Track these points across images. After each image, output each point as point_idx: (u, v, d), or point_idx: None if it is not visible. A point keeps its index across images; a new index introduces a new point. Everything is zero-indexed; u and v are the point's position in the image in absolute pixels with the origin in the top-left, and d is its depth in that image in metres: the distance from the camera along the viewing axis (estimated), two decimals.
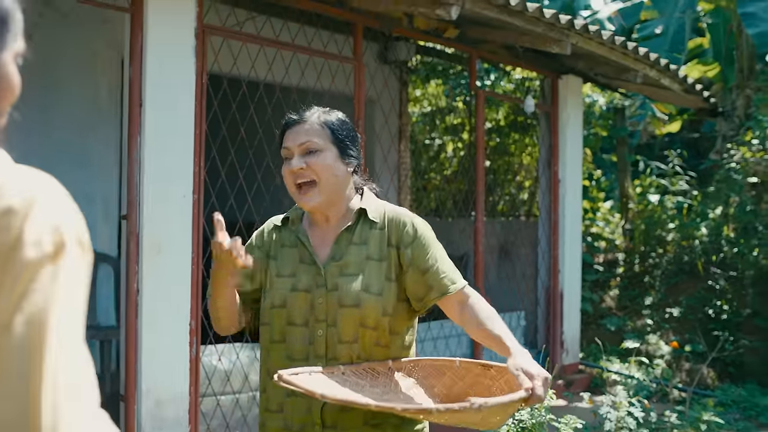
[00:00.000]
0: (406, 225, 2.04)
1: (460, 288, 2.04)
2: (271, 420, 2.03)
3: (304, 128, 2.04)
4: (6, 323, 0.79)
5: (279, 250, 2.09)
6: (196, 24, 4.22)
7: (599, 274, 8.87)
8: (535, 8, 5.05)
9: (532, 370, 1.84)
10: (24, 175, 0.87)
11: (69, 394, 0.80)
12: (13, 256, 0.81)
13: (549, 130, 6.93)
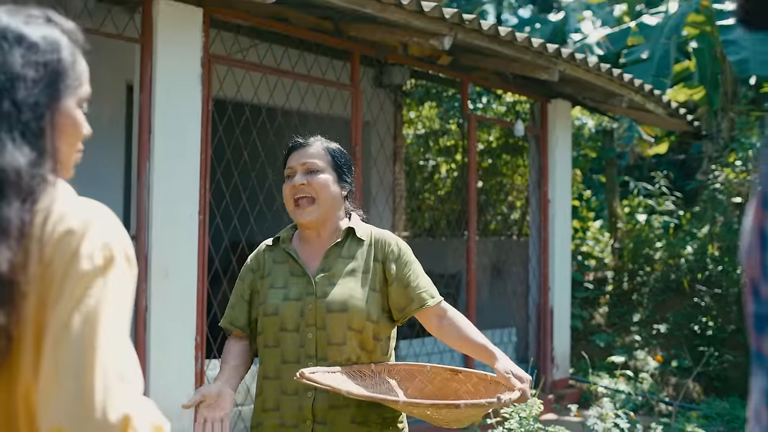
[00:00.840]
0: (391, 244, 2.30)
1: (437, 302, 2.29)
2: (267, 419, 2.23)
3: (308, 151, 2.29)
4: (66, 322, 0.99)
5: (272, 267, 2.32)
6: (203, 54, 4.45)
7: (589, 291, 9.09)
8: (524, 38, 5.30)
9: (520, 373, 2.10)
10: (83, 203, 1.08)
11: (116, 377, 0.99)
12: (72, 267, 1.01)
13: (539, 152, 7.18)
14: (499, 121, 7.97)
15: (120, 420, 0.95)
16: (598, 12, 13.86)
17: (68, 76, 1.12)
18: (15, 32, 1.07)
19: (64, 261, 1.01)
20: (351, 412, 2.17)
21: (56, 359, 0.97)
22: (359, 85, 5.46)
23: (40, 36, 1.09)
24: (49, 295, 1.01)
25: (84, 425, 0.94)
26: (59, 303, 1.00)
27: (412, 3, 4.50)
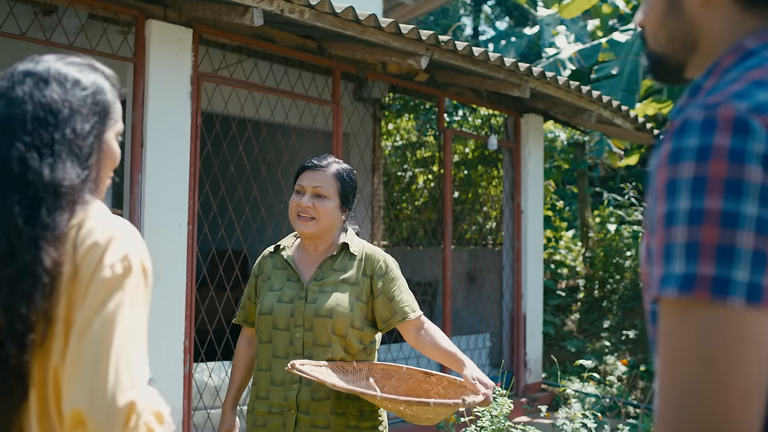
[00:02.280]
0: (379, 261, 2.56)
1: (417, 316, 2.57)
2: (259, 405, 2.51)
3: (321, 175, 2.54)
4: (88, 321, 1.20)
5: (272, 272, 2.60)
6: (192, 71, 4.68)
7: (561, 299, 9.39)
8: (497, 57, 5.58)
9: (484, 380, 2.41)
10: (110, 220, 1.30)
11: (125, 369, 1.20)
12: (96, 275, 1.23)
13: (512, 164, 7.46)
14: (474, 135, 8.25)
15: (126, 404, 1.16)
16: (572, 27, 14.21)
17: (110, 113, 1.38)
18: (72, 78, 1.32)
19: (90, 269, 1.23)
20: (331, 404, 2.43)
21: (78, 353, 1.19)
22: (340, 101, 5.71)
23: (91, 81, 1.35)
24: (77, 299, 1.22)
25: (97, 408, 1.16)
26: (84, 305, 1.21)
27: (391, 26, 4.77)
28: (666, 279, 0.89)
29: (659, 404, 0.90)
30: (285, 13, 4.31)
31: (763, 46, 1.02)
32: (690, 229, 0.87)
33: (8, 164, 1.24)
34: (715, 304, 0.85)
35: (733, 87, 0.94)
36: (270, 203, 5.83)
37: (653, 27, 1.14)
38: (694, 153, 0.89)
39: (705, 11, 1.06)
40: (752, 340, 0.85)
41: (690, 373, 0.86)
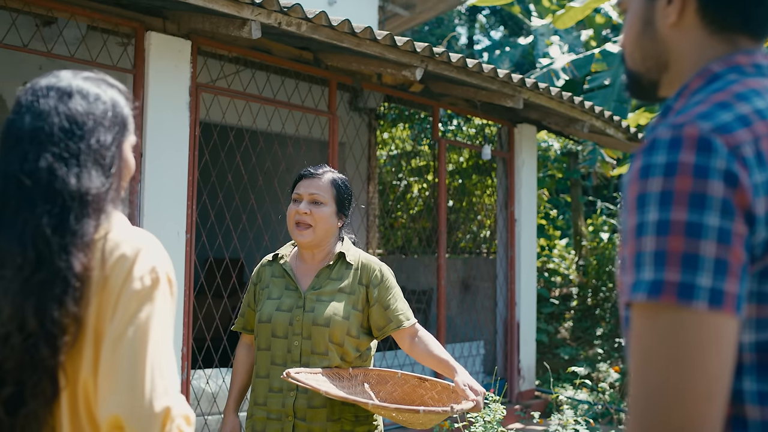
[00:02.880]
0: (375, 270, 2.63)
1: (412, 324, 2.64)
2: (257, 411, 2.58)
3: (317, 183, 2.61)
4: (122, 331, 1.26)
5: (270, 280, 2.66)
6: (191, 83, 4.76)
7: (555, 306, 9.47)
8: (490, 69, 5.68)
9: (475, 386, 2.46)
10: (135, 233, 1.36)
11: (159, 376, 1.27)
12: (126, 286, 1.28)
13: (506, 173, 7.56)
14: (468, 144, 8.35)
15: (163, 410, 1.23)
16: (566, 37, 14.35)
17: (128, 126, 1.45)
18: (93, 92, 1.39)
19: (119, 281, 1.28)
20: (327, 411, 2.49)
21: (113, 362, 1.24)
22: (336, 111, 5.80)
23: (110, 95, 1.41)
24: (107, 308, 1.27)
25: (135, 414, 1.22)
26: (116, 315, 1.27)
27: (386, 38, 4.86)
28: (636, 285, 0.97)
29: (630, 402, 0.98)
30: (282, 25, 4.40)
31: (727, 70, 1.10)
32: (658, 239, 0.95)
33: (37, 174, 1.29)
34: (681, 308, 0.93)
35: (699, 108, 1.03)
36: (267, 212, 5.90)
37: (630, 46, 1.22)
38: (662, 169, 0.97)
39: (676, 33, 1.15)
40: (714, 342, 0.93)
41: (658, 373, 0.94)
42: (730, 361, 0.95)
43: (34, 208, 1.28)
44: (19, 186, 1.29)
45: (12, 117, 1.36)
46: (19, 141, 1.32)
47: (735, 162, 0.96)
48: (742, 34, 1.13)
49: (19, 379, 1.24)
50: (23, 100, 1.37)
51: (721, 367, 0.94)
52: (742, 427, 1.00)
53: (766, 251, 0.97)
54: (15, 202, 1.28)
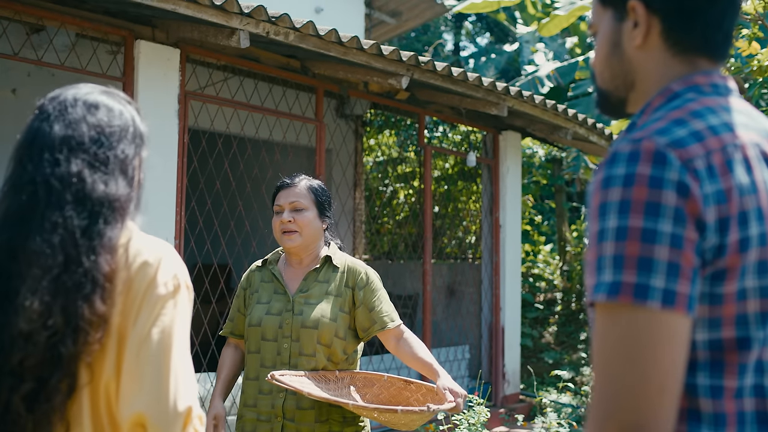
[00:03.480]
0: (361, 273, 2.71)
1: (396, 325, 2.72)
2: (247, 413, 2.66)
3: (295, 191, 2.70)
4: (147, 334, 1.32)
5: (259, 285, 2.75)
6: (179, 91, 4.83)
7: (539, 311, 9.58)
8: (475, 77, 5.78)
9: (456, 389, 2.53)
10: (153, 241, 1.42)
11: (182, 377, 1.34)
12: (150, 291, 1.34)
13: (490, 180, 7.65)
14: (453, 151, 8.44)
15: (186, 409, 1.30)
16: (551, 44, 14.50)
17: (144, 140, 1.51)
18: (116, 106, 1.46)
19: (143, 286, 1.34)
20: (315, 413, 2.57)
21: (138, 363, 1.30)
22: (323, 119, 5.88)
23: (129, 110, 1.48)
24: (131, 311, 1.33)
25: (161, 414, 1.28)
26: (140, 318, 1.33)
27: (373, 47, 4.94)
28: (597, 286, 1.05)
29: (592, 394, 1.07)
30: (271, 35, 4.48)
31: (686, 89, 1.20)
32: (617, 244, 1.04)
33: (68, 179, 1.35)
34: (637, 307, 1.02)
35: (657, 124, 1.12)
36: (255, 218, 5.97)
37: (599, 66, 1.31)
38: (621, 180, 1.06)
39: (642, 54, 1.24)
40: (667, 339, 1.02)
41: (616, 366, 1.03)
42: (683, 357, 1.03)
43: (64, 211, 1.33)
44: (49, 189, 1.34)
45: (37, 125, 1.41)
46: (49, 147, 1.37)
47: (687, 174, 1.04)
48: (701, 56, 1.22)
49: (40, 375, 1.28)
50: (50, 108, 1.42)
51: (674, 362, 1.02)
52: (696, 419, 1.08)
53: (716, 256, 1.06)
54: (44, 204, 1.33)
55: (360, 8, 8.86)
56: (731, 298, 1.07)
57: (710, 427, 1.08)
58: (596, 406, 1.04)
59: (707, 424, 1.08)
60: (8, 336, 1.28)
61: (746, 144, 1.12)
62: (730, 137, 1.11)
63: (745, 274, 1.07)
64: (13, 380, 1.28)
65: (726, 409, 1.08)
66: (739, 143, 1.11)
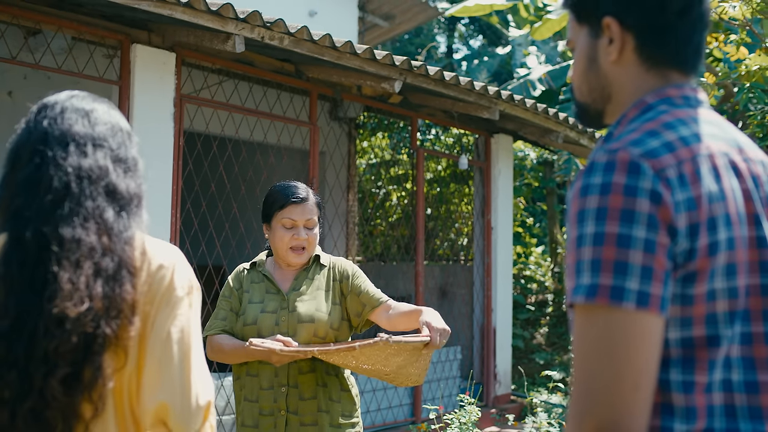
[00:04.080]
0: (345, 266, 2.84)
1: (384, 301, 2.76)
2: (248, 408, 2.72)
3: (308, 207, 2.76)
4: (168, 332, 1.39)
5: (250, 286, 2.83)
6: (175, 94, 4.89)
7: (530, 313, 9.66)
8: (467, 81, 5.85)
9: (433, 324, 2.47)
10: (163, 244, 1.49)
11: (202, 372, 1.43)
12: (168, 293, 1.42)
13: (482, 182, 7.74)
14: (446, 154, 8.52)
15: (206, 403, 1.39)
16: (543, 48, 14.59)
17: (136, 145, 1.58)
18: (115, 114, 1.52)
19: (162, 287, 1.41)
20: (318, 402, 2.66)
21: (162, 359, 1.37)
22: (317, 122, 5.94)
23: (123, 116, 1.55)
24: (150, 310, 1.40)
25: (185, 407, 1.36)
26: (159, 318, 1.40)
27: (366, 51, 5.02)
28: (576, 289, 1.12)
29: (572, 390, 1.14)
30: (266, 39, 4.54)
31: (659, 102, 1.27)
32: (594, 248, 1.11)
33: (97, 172, 1.41)
34: (613, 308, 1.09)
35: (632, 136, 1.19)
36: (249, 220, 6.03)
37: (578, 81, 1.38)
38: (598, 188, 1.13)
39: (617, 68, 1.31)
40: (641, 337, 1.09)
41: (593, 363, 1.10)
42: (656, 354, 1.10)
43: (97, 201, 1.38)
44: (81, 180, 1.39)
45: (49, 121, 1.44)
46: (74, 139, 1.42)
47: (660, 183, 1.12)
48: (673, 69, 1.29)
49: (74, 360, 1.32)
50: (68, 104, 1.47)
51: (647, 359, 1.09)
52: (670, 412, 1.15)
53: (687, 259, 1.13)
54: (78, 193, 1.38)
55: (353, 11, 8.93)
56: (701, 299, 1.15)
57: (682, 420, 1.15)
58: (575, 402, 1.11)
59: (679, 417, 1.15)
60: (42, 323, 1.30)
61: (715, 153, 1.20)
62: (700, 147, 1.18)
63: (714, 277, 1.14)
64: (47, 366, 1.30)
65: (697, 403, 1.15)
66: (709, 153, 1.19)
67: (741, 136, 1.30)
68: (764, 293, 1.20)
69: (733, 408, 1.17)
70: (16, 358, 1.30)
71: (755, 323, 1.19)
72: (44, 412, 1.31)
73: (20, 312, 1.31)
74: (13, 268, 1.34)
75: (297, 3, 8.03)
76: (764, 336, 1.20)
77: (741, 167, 1.23)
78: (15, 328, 1.31)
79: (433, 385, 6.92)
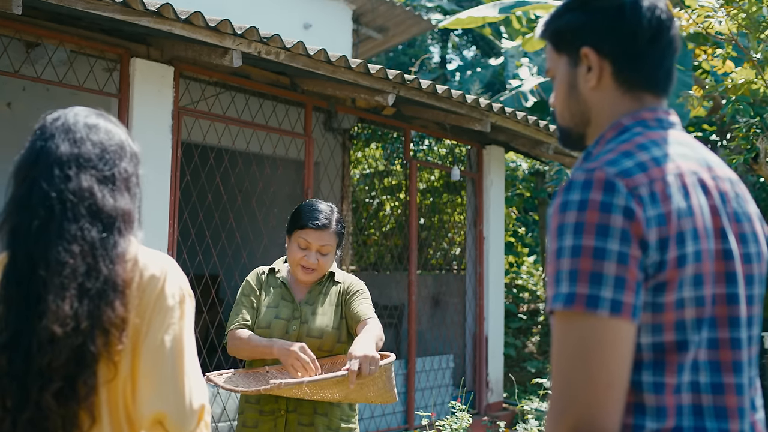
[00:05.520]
0: (353, 283, 2.93)
1: (363, 318, 2.80)
2: (249, 408, 2.83)
3: (326, 234, 2.84)
4: (161, 341, 1.45)
5: (267, 290, 2.94)
6: (173, 107, 4.98)
7: (522, 321, 9.75)
8: (459, 94, 5.97)
9: (354, 353, 2.47)
10: (157, 254, 1.54)
11: (194, 378, 1.48)
12: (159, 303, 1.46)
13: (475, 193, 7.84)
14: (438, 165, 8.63)
15: (199, 407, 1.45)
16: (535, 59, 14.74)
17: (139, 160, 1.64)
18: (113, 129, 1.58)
19: (153, 297, 1.47)
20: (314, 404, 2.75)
21: (155, 368, 1.43)
22: (312, 134, 6.05)
23: (123, 131, 1.61)
24: (143, 320, 1.46)
25: (180, 411, 1.42)
26: (152, 327, 1.45)
27: (360, 65, 5.12)
28: (556, 297, 1.22)
29: (550, 391, 1.24)
30: (262, 54, 4.65)
31: (635, 124, 1.37)
32: (572, 260, 1.21)
33: (81, 193, 1.45)
34: (588, 315, 1.19)
35: (608, 156, 1.30)
36: (245, 230, 6.12)
37: (559, 107, 1.49)
38: (576, 205, 1.23)
39: (596, 94, 1.42)
40: (614, 342, 1.19)
41: (570, 366, 1.20)
42: (628, 357, 1.20)
43: (80, 223, 1.43)
44: (64, 204, 1.44)
45: (41, 143, 1.50)
46: (58, 163, 1.47)
47: (633, 200, 1.22)
48: (647, 91, 1.40)
49: (67, 374, 1.39)
50: (52, 129, 1.51)
51: (620, 361, 1.19)
52: (641, 412, 1.25)
53: (657, 270, 1.23)
54: (61, 217, 1.42)
55: (348, 24, 9.05)
56: (671, 307, 1.25)
57: (653, 418, 1.25)
58: (554, 401, 1.21)
59: (651, 416, 1.25)
60: (36, 340, 1.37)
61: (685, 172, 1.30)
62: (670, 167, 1.29)
63: (682, 286, 1.25)
64: (42, 380, 1.38)
65: (667, 403, 1.25)
66: (679, 172, 1.29)
67: (710, 156, 1.41)
68: (730, 302, 1.30)
69: (701, 408, 1.27)
70: (16, 370, 1.38)
71: (721, 329, 1.30)
72: (43, 422, 1.38)
73: (17, 328, 1.39)
74: (11, 286, 1.42)
75: (292, 16, 8.15)
76: (730, 341, 1.30)
77: (709, 185, 1.33)
78: (13, 343, 1.39)
79: (426, 393, 7.00)
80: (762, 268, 1.37)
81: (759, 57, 5.86)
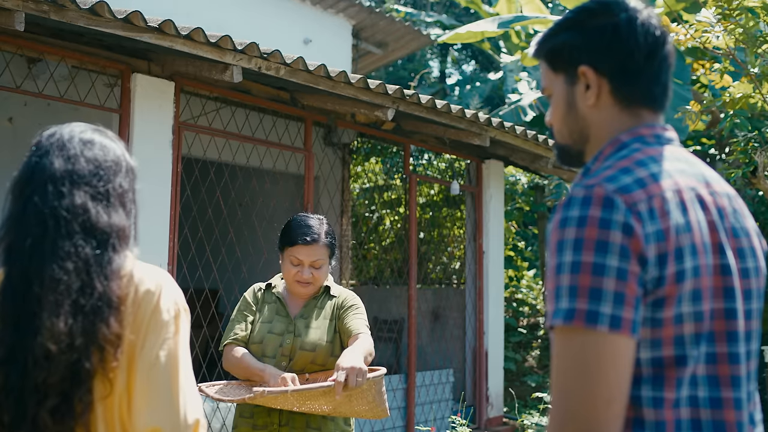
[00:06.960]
0: (347, 298, 2.96)
1: (355, 333, 2.81)
2: (243, 424, 2.85)
3: (315, 249, 2.86)
4: (156, 356, 1.45)
5: (263, 305, 2.97)
6: (174, 122, 5.00)
7: (522, 335, 9.74)
8: (458, 109, 5.99)
9: (341, 364, 2.48)
10: (152, 269, 1.54)
11: (189, 392, 1.48)
12: (154, 318, 1.46)
13: (474, 207, 7.85)
14: (438, 180, 8.64)
15: (194, 422, 1.46)
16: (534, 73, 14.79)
17: (136, 175, 1.63)
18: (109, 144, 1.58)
19: (148, 312, 1.47)
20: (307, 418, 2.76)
21: (150, 382, 1.43)
22: (312, 149, 6.07)
23: (119, 146, 1.61)
24: (138, 335, 1.46)
25: (174, 425, 1.42)
26: (147, 343, 1.45)
27: (360, 81, 5.15)
28: (556, 312, 1.23)
29: (550, 406, 1.25)
30: (262, 70, 4.67)
31: (633, 140, 1.39)
32: (571, 276, 1.22)
33: (74, 210, 1.45)
34: (588, 330, 1.20)
35: (607, 172, 1.31)
36: (245, 244, 6.13)
37: (557, 125, 1.50)
38: (575, 221, 1.24)
39: (594, 111, 1.43)
40: (613, 357, 1.20)
41: (570, 381, 1.20)
42: (627, 372, 1.21)
43: (74, 240, 1.44)
44: (57, 220, 1.44)
45: (35, 160, 1.50)
46: (52, 180, 1.47)
47: (631, 216, 1.23)
48: (644, 107, 1.41)
49: (62, 391, 1.39)
50: (47, 145, 1.52)
51: (620, 376, 1.20)
52: (641, 426, 1.26)
53: (656, 286, 1.24)
54: (55, 234, 1.43)
55: (347, 39, 9.10)
56: (670, 322, 1.26)
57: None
58: (554, 415, 1.22)
59: (650, 431, 1.25)
60: (31, 356, 1.38)
61: (683, 188, 1.31)
62: (668, 183, 1.30)
63: (681, 302, 1.26)
64: (38, 396, 1.38)
65: (666, 417, 1.25)
66: (677, 188, 1.30)
67: (708, 171, 1.42)
68: (728, 317, 1.31)
69: (699, 422, 1.27)
70: (13, 386, 1.39)
71: (719, 344, 1.30)
72: None
73: (13, 344, 1.40)
74: (7, 302, 1.42)
75: (292, 31, 8.20)
76: (728, 356, 1.31)
77: (707, 200, 1.34)
78: (9, 359, 1.39)
79: (426, 408, 6.99)
80: (760, 283, 1.38)
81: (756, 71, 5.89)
